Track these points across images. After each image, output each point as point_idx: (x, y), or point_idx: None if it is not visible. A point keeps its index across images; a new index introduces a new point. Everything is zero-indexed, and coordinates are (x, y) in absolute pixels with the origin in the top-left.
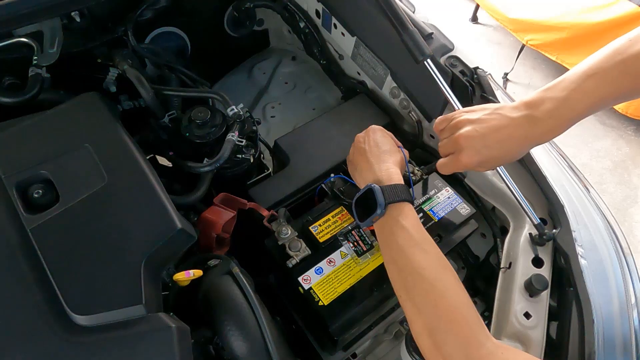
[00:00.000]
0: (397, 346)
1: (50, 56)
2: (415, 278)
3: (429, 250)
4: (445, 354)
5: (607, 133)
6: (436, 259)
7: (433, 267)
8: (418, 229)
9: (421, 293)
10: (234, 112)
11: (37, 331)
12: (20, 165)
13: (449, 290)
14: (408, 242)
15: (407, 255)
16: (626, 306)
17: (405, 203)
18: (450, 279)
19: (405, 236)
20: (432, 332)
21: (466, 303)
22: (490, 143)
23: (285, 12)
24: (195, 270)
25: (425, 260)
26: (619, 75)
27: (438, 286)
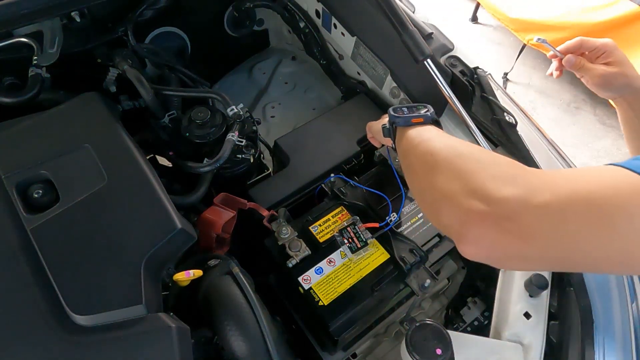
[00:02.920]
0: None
1: (50, 56)
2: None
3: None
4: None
5: (607, 133)
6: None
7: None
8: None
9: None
10: (234, 112)
11: (37, 331)
12: (20, 165)
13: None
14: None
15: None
16: (626, 306)
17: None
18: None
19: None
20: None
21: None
22: None
23: (285, 12)
24: (195, 270)
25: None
26: None
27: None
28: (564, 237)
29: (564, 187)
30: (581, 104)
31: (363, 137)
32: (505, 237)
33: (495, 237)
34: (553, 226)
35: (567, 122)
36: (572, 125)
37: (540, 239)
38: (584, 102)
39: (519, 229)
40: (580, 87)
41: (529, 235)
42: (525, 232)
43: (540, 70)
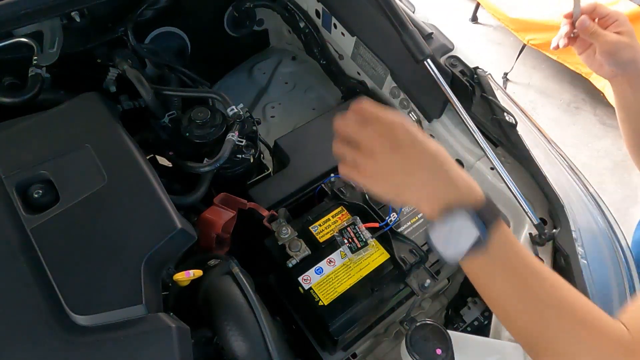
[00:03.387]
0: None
1: (50, 56)
2: (558, 310)
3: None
4: None
5: (607, 133)
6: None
7: (568, 290)
8: (527, 252)
9: (569, 323)
10: (234, 112)
11: (37, 331)
12: (20, 165)
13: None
14: (529, 270)
15: (538, 286)
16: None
17: (499, 219)
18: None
19: (522, 263)
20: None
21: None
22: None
23: (285, 12)
24: (195, 270)
25: (559, 283)
26: None
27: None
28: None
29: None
30: (581, 104)
31: None
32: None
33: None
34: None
35: (567, 122)
36: (572, 125)
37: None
38: (584, 102)
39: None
40: (580, 87)
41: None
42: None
43: (540, 70)
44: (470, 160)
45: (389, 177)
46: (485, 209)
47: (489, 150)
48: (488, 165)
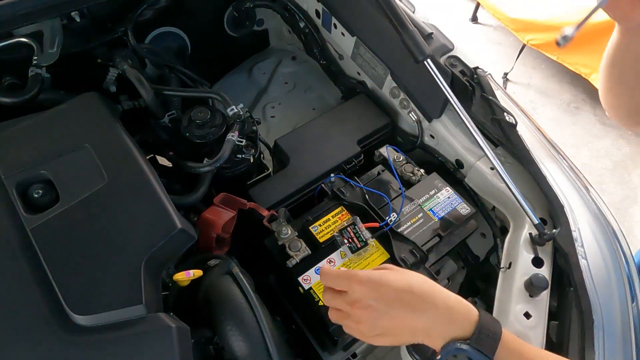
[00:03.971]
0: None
1: (50, 56)
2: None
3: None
4: None
5: (607, 133)
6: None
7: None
8: (534, 350)
9: None
10: (234, 112)
11: (37, 331)
12: (20, 165)
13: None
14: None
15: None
16: (626, 306)
17: (503, 333)
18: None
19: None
20: None
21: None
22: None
23: (285, 12)
24: (195, 271)
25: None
26: None
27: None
28: None
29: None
30: (581, 104)
31: (363, 137)
32: None
33: None
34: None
35: (567, 122)
36: (572, 125)
37: None
38: (584, 102)
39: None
40: (580, 87)
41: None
42: None
43: (540, 70)
44: (470, 160)
45: (385, 333)
46: (482, 333)
47: (489, 150)
48: (488, 165)
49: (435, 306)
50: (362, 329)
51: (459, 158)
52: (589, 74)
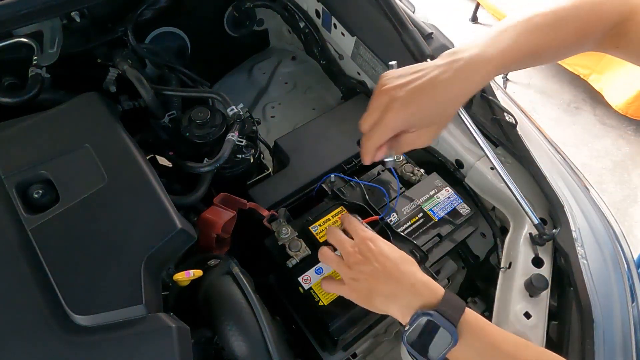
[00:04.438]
0: (397, 346)
1: (50, 56)
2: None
3: (529, 345)
4: None
5: (607, 133)
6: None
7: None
8: (497, 330)
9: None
10: (234, 112)
11: (37, 331)
12: (20, 165)
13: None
14: (504, 352)
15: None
16: (626, 306)
17: (466, 310)
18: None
19: (497, 347)
20: None
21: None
22: (417, 94)
23: (285, 12)
24: (195, 271)
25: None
26: (529, 29)
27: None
28: None
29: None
30: (581, 104)
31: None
32: None
33: None
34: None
35: (567, 122)
36: (572, 125)
37: None
38: (584, 102)
39: None
40: (580, 87)
41: None
42: None
43: (540, 70)
44: (470, 160)
45: (364, 289)
46: (448, 304)
47: (489, 150)
48: (488, 165)
49: (409, 280)
50: (349, 273)
51: (459, 158)
52: (587, 74)
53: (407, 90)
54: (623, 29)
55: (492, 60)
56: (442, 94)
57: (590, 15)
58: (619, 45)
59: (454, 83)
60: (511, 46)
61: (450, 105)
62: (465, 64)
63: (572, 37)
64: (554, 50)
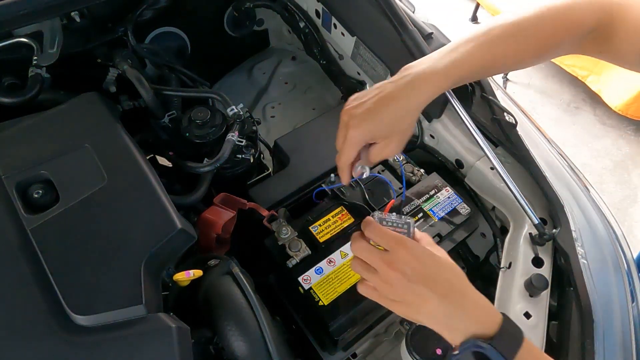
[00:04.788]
0: (397, 346)
1: (50, 56)
2: None
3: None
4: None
5: (607, 133)
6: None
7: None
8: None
9: None
10: (233, 112)
11: (37, 331)
12: (20, 165)
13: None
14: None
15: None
16: (626, 306)
17: (524, 341)
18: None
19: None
20: None
21: None
22: (373, 109)
23: (285, 12)
24: (195, 271)
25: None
26: (486, 43)
27: None
28: None
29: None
30: (581, 104)
31: None
32: None
33: None
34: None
35: (567, 122)
36: (572, 125)
37: None
38: (584, 102)
39: None
40: (580, 87)
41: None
42: None
43: (540, 70)
44: (470, 160)
45: (407, 303)
46: (504, 336)
47: (489, 150)
48: (488, 165)
49: (464, 301)
50: (385, 290)
51: (459, 158)
52: (585, 76)
53: (364, 107)
54: (604, 34)
55: (442, 72)
56: (394, 106)
57: (557, 24)
58: (601, 50)
59: (404, 95)
60: (465, 58)
61: (406, 115)
62: (414, 78)
63: (534, 47)
64: (515, 60)
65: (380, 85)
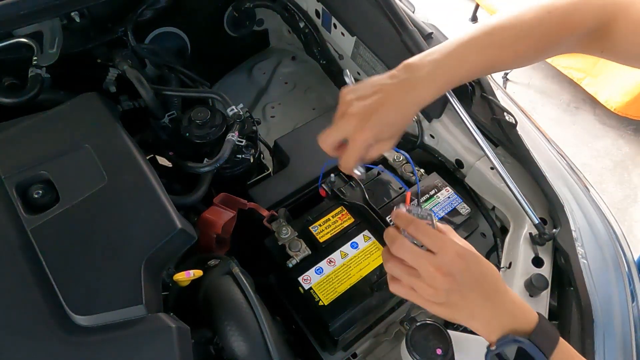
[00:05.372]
0: (397, 346)
1: (50, 56)
2: None
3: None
4: None
5: (606, 133)
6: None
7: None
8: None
9: None
10: (233, 112)
11: (37, 332)
12: (20, 165)
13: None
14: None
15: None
16: (626, 306)
17: (560, 341)
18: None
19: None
20: None
21: None
22: (380, 111)
23: (285, 12)
24: (195, 271)
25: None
26: (485, 45)
27: None
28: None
29: None
30: (581, 104)
31: None
32: None
33: None
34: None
35: (567, 122)
36: (572, 125)
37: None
38: (584, 102)
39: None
40: (579, 87)
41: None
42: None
43: (540, 70)
44: (470, 160)
45: (451, 305)
46: (541, 333)
47: (489, 150)
48: (488, 165)
49: (505, 299)
50: (429, 293)
51: (459, 158)
52: (581, 79)
53: (368, 108)
54: (605, 33)
55: (443, 74)
56: (396, 107)
57: (557, 25)
58: (603, 49)
59: (405, 96)
60: (466, 59)
61: (406, 115)
62: (415, 78)
63: (534, 47)
64: (515, 60)
65: (380, 83)
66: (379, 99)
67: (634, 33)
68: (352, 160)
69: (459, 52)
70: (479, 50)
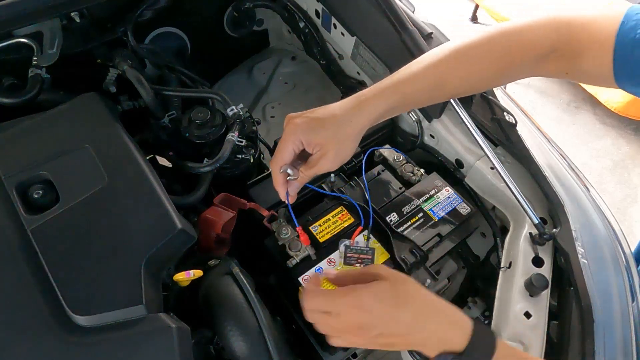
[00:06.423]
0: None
1: (50, 57)
2: None
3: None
4: None
5: (607, 132)
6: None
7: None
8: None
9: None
10: (233, 112)
11: (37, 332)
12: (20, 165)
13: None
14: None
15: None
16: (626, 306)
17: (498, 344)
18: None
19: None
20: None
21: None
22: (312, 118)
23: (285, 12)
24: (195, 271)
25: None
26: (429, 70)
27: None
28: None
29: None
30: (581, 104)
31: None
32: None
33: None
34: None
35: (567, 122)
36: (572, 125)
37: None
38: (584, 101)
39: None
40: (580, 87)
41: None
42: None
43: None
44: (470, 160)
45: (380, 344)
46: (479, 344)
47: (489, 150)
48: (488, 165)
49: (430, 321)
50: (357, 343)
51: (459, 158)
52: None
53: (304, 116)
54: (567, 54)
55: (384, 94)
56: (331, 121)
57: (508, 46)
58: (568, 70)
59: (348, 118)
60: (411, 80)
61: (341, 133)
62: (357, 100)
63: (486, 70)
64: (468, 83)
65: (330, 105)
66: (318, 112)
67: (601, 52)
68: (278, 163)
69: (405, 72)
70: (427, 71)
